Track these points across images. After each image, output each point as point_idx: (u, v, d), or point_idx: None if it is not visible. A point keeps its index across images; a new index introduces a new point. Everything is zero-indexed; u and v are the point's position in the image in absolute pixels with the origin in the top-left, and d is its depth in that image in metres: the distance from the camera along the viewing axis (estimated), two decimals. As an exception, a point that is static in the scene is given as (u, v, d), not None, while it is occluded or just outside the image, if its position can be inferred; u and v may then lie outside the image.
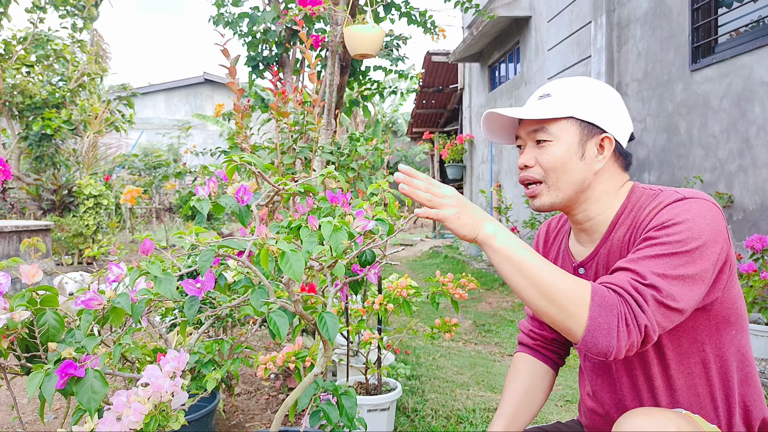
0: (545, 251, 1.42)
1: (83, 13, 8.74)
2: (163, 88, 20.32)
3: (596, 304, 0.98)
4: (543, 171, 1.19)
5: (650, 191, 1.17)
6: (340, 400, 1.54)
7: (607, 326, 0.96)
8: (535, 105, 1.20)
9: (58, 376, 1.09)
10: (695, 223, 1.03)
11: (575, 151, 1.17)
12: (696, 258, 1.01)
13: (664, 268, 1.00)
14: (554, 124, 1.17)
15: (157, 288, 1.12)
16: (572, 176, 1.17)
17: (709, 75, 4.00)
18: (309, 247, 1.01)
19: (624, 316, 0.96)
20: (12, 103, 8.15)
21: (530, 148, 1.22)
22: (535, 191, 1.21)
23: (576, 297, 0.99)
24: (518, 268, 1.03)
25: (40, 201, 8.48)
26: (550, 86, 1.22)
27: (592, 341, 0.96)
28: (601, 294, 0.99)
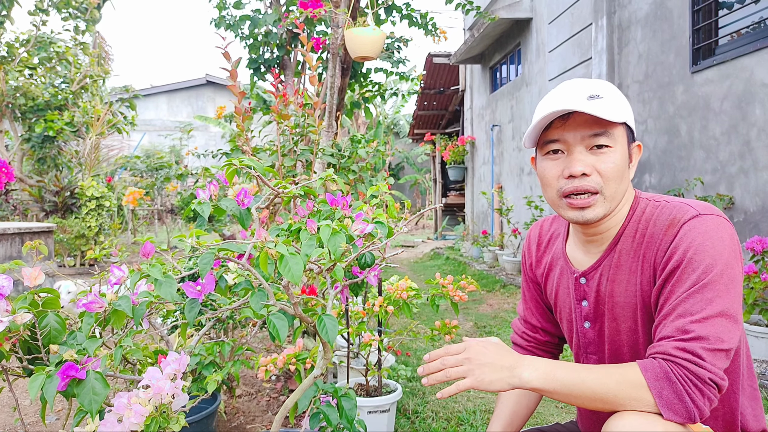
0: (539, 255, 1.39)
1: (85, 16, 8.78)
2: (165, 90, 20.37)
3: (653, 381, 0.97)
4: (603, 181, 1.10)
5: (654, 202, 1.15)
6: (339, 402, 1.55)
7: (677, 396, 0.96)
8: (592, 105, 1.07)
9: (59, 378, 1.10)
10: (713, 243, 1.02)
11: (627, 159, 1.13)
12: (725, 282, 1.00)
13: (698, 307, 0.99)
14: (615, 128, 1.10)
15: (158, 291, 1.13)
16: (623, 185, 1.13)
17: (709, 77, 4.01)
18: (308, 251, 1.02)
19: (686, 378, 0.96)
20: (15, 105, 8.18)
21: (582, 154, 1.10)
22: (590, 201, 1.11)
23: (633, 388, 0.98)
24: (570, 395, 1.02)
25: (42, 203, 8.50)
26: (596, 87, 1.12)
27: (672, 414, 0.96)
28: (652, 369, 0.99)
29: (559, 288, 1.31)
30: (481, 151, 9.87)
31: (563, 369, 1.04)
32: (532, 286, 1.43)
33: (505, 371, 1.04)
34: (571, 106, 1.07)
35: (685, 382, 0.96)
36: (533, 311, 1.44)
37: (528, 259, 1.43)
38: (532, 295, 1.43)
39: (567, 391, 1.02)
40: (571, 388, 1.02)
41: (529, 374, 1.04)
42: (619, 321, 1.17)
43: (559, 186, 1.14)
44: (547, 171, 1.16)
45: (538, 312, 1.43)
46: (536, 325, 1.43)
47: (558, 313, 1.34)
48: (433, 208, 1.85)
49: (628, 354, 1.17)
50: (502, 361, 1.06)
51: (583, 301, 1.23)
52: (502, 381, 1.04)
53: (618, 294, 1.16)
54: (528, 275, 1.43)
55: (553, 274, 1.33)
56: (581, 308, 1.24)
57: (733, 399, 1.13)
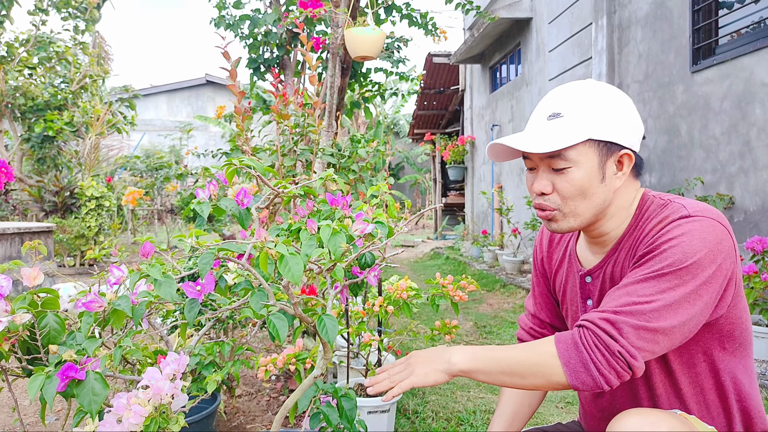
0: (549, 253, 1.40)
1: (85, 16, 8.77)
2: (165, 90, 20.36)
3: (562, 349, 1.01)
4: (560, 199, 1.12)
5: (660, 201, 1.13)
6: (340, 402, 1.55)
7: (581, 363, 0.98)
8: (546, 128, 1.10)
9: (59, 378, 1.10)
10: (692, 241, 1.01)
11: (595, 175, 1.09)
12: (687, 278, 0.99)
13: (648, 291, 0.99)
14: (571, 149, 1.07)
15: (158, 291, 1.12)
16: (593, 201, 1.11)
17: (709, 76, 4.01)
18: (308, 250, 1.02)
19: (594, 347, 0.98)
20: (14, 105, 8.18)
21: (546, 173, 1.12)
22: (550, 215, 1.14)
23: (546, 357, 1.02)
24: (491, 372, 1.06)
25: (42, 203, 8.50)
26: (559, 102, 1.11)
27: (577, 381, 0.98)
28: (563, 339, 1.02)
29: (566, 285, 1.32)
30: (481, 150, 9.87)
31: (486, 349, 1.09)
32: (542, 280, 1.43)
33: (436, 362, 1.10)
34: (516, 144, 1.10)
35: (591, 351, 0.98)
36: (542, 306, 1.44)
37: (539, 253, 1.43)
38: (542, 290, 1.44)
39: (488, 368, 1.06)
40: (492, 365, 1.06)
41: (457, 357, 1.09)
42: None
43: (533, 198, 1.19)
44: (527, 183, 1.20)
45: (548, 307, 1.43)
46: (545, 320, 1.44)
47: (565, 310, 1.35)
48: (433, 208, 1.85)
49: None
50: (434, 354, 1.13)
51: (588, 299, 1.24)
52: (435, 371, 1.09)
53: None
54: (539, 269, 1.44)
55: (561, 270, 1.34)
56: (586, 307, 1.24)
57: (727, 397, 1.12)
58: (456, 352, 1.09)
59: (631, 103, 1.15)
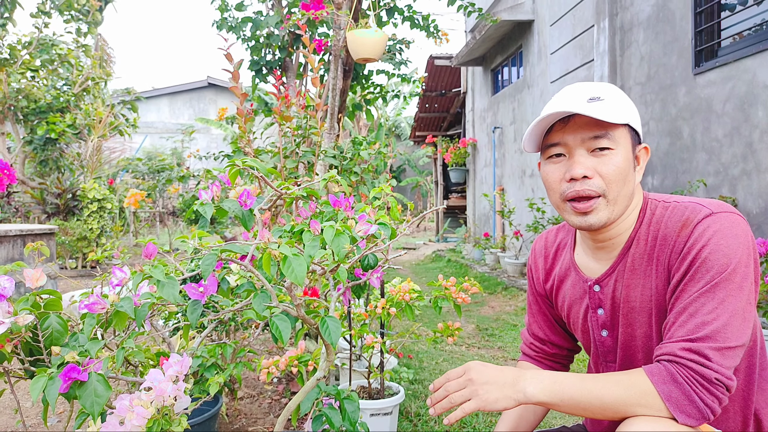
0: (547, 269, 1.37)
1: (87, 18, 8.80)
2: (167, 92, 20.40)
3: (660, 384, 0.97)
4: (605, 183, 1.08)
5: (664, 203, 1.13)
6: (342, 405, 1.54)
7: (686, 398, 0.95)
8: (590, 107, 1.07)
9: (61, 380, 1.09)
10: (728, 242, 1.00)
11: (631, 162, 1.10)
12: (738, 279, 0.99)
13: (710, 306, 0.98)
14: (617, 130, 1.08)
15: (160, 292, 1.12)
16: (629, 188, 1.11)
17: (712, 79, 4.00)
18: (311, 252, 1.01)
19: (692, 380, 0.96)
20: (17, 108, 8.19)
21: (584, 157, 1.09)
22: (592, 206, 1.09)
23: (641, 393, 0.98)
24: (577, 407, 1.02)
25: (44, 205, 8.51)
26: (595, 88, 1.11)
27: (684, 416, 0.95)
28: (658, 373, 0.98)
29: (572, 299, 1.29)
30: (483, 153, 9.86)
31: (568, 380, 1.03)
32: (540, 300, 1.41)
33: (508, 388, 1.03)
34: (569, 108, 1.07)
35: (692, 383, 0.95)
36: (540, 324, 1.42)
37: (535, 273, 1.41)
38: (539, 308, 1.42)
39: (574, 403, 1.01)
40: (578, 400, 1.01)
41: (533, 388, 1.03)
42: (635, 326, 1.15)
43: (562, 190, 1.13)
44: (550, 175, 1.15)
45: (546, 325, 1.42)
46: (543, 338, 1.42)
47: (571, 325, 1.32)
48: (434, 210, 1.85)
49: (642, 360, 1.15)
50: (503, 377, 1.05)
51: (599, 309, 1.21)
52: (507, 398, 1.03)
53: (633, 299, 1.14)
54: (535, 290, 1.41)
55: (564, 286, 1.31)
56: (597, 317, 1.22)
57: (746, 398, 1.11)
58: (531, 382, 1.03)
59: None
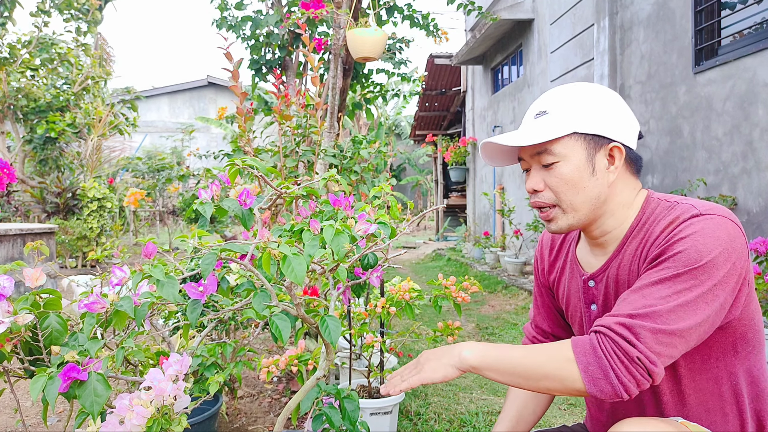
0: (551, 260, 1.38)
1: (87, 17, 8.78)
2: (167, 92, 20.38)
3: (580, 355, 0.98)
4: (554, 194, 1.13)
5: (666, 203, 1.12)
6: (342, 404, 1.54)
7: (601, 370, 0.96)
8: (532, 126, 1.14)
9: (61, 379, 1.09)
10: (705, 240, 0.99)
11: (585, 168, 1.11)
12: (703, 277, 0.97)
13: (664, 293, 0.98)
14: (557, 143, 1.11)
15: (160, 291, 1.12)
16: (586, 194, 1.12)
17: (712, 77, 4.00)
18: (311, 251, 1.01)
19: (613, 354, 0.95)
20: (16, 107, 8.19)
21: (537, 171, 1.15)
22: (549, 215, 1.15)
23: (562, 361, 1.00)
24: (504, 371, 1.06)
25: (44, 204, 8.51)
26: (546, 102, 1.15)
27: (596, 389, 0.96)
28: (581, 344, 1.00)
29: (570, 292, 1.30)
30: (483, 152, 9.85)
31: (500, 349, 1.08)
32: (544, 291, 1.42)
33: (446, 357, 1.11)
34: (500, 140, 1.14)
35: (610, 357, 0.95)
36: (545, 317, 1.43)
37: (540, 264, 1.42)
38: (543, 300, 1.43)
39: (501, 366, 1.05)
40: (505, 364, 1.05)
41: (468, 352, 1.08)
42: None
43: (531, 200, 1.20)
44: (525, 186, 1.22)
45: (550, 317, 1.42)
46: (547, 330, 1.43)
47: (569, 317, 1.33)
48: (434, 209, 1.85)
49: None
50: (445, 350, 1.13)
51: (592, 304, 1.22)
52: (445, 366, 1.10)
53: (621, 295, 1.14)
54: (540, 280, 1.42)
55: (564, 277, 1.32)
56: (590, 312, 1.23)
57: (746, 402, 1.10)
58: (467, 347, 1.09)
59: (620, 99, 1.16)
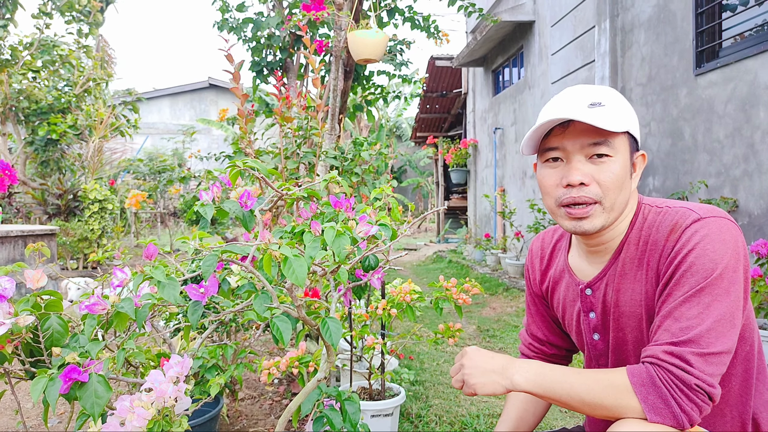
0: (543, 270, 1.37)
1: (89, 19, 8.80)
2: (168, 93, 20.40)
3: (639, 386, 0.97)
4: (602, 191, 1.08)
5: (656, 208, 1.12)
6: (343, 406, 1.54)
7: (662, 400, 0.95)
8: (591, 113, 1.06)
9: (61, 380, 1.09)
10: (714, 247, 1.00)
11: (628, 169, 1.10)
12: (724, 285, 0.98)
13: (694, 311, 0.98)
14: (616, 137, 1.07)
15: (161, 293, 1.12)
16: (624, 196, 1.10)
17: (713, 79, 4.00)
18: (312, 253, 1.01)
19: (672, 384, 0.95)
20: (18, 108, 8.20)
21: (581, 163, 1.08)
22: (587, 212, 1.09)
23: (621, 392, 0.98)
24: (559, 399, 1.04)
25: (45, 205, 8.51)
26: (596, 93, 1.10)
27: (658, 417, 0.95)
28: (638, 374, 0.98)
29: (565, 301, 1.29)
30: (484, 154, 9.86)
31: (553, 374, 1.05)
32: (537, 300, 1.41)
33: (497, 375, 1.07)
34: (570, 115, 1.05)
35: (670, 387, 0.95)
36: (539, 325, 1.43)
37: (532, 274, 1.41)
38: (537, 309, 1.42)
39: (556, 396, 1.03)
40: (560, 394, 1.03)
41: (520, 377, 1.06)
42: (626, 331, 1.15)
43: (558, 195, 1.12)
44: (546, 179, 1.14)
45: (544, 326, 1.42)
46: (542, 338, 1.42)
47: (566, 326, 1.33)
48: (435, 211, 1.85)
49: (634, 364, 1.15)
50: (492, 364, 1.09)
51: (590, 312, 1.22)
52: (494, 384, 1.07)
53: (623, 304, 1.14)
54: (532, 290, 1.42)
55: (559, 287, 1.31)
56: (589, 320, 1.22)
57: (744, 403, 1.11)
58: (519, 371, 1.06)
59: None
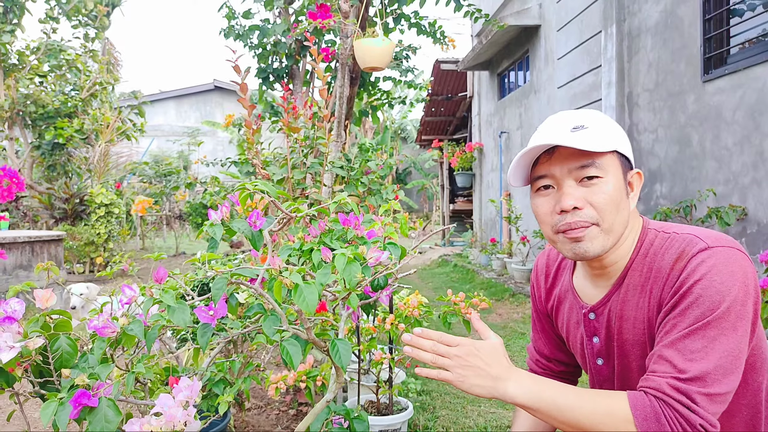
0: (548, 288, 1.35)
1: (95, 23, 8.84)
2: (174, 96, 20.47)
3: (641, 419, 0.95)
4: (597, 212, 1.06)
5: (663, 234, 1.10)
6: (351, 424, 1.53)
7: None
8: (574, 137, 1.05)
9: (71, 405, 1.09)
10: (722, 279, 0.97)
11: (623, 188, 1.08)
12: (731, 319, 0.96)
13: (699, 345, 0.95)
14: (603, 158, 1.06)
15: (171, 317, 1.12)
16: (623, 216, 1.08)
17: (721, 86, 3.97)
18: (323, 279, 1.00)
19: (676, 422, 0.93)
20: (25, 113, 8.24)
21: (572, 188, 1.07)
22: (584, 234, 1.06)
23: (618, 420, 0.96)
24: (554, 418, 1.00)
25: (52, 210, 8.54)
26: (580, 118, 1.10)
27: None
28: (641, 407, 0.96)
29: (569, 322, 1.27)
30: (489, 158, 9.84)
31: (550, 391, 1.00)
32: (542, 318, 1.39)
33: (490, 380, 1.01)
34: (552, 141, 1.05)
35: (674, 425, 0.93)
36: (545, 342, 1.41)
37: (537, 291, 1.39)
38: (542, 326, 1.40)
39: (551, 415, 0.99)
40: (555, 414, 0.99)
41: (515, 390, 1.00)
42: (630, 358, 1.13)
43: (553, 222, 1.10)
44: (540, 207, 1.12)
45: (550, 344, 1.40)
46: (549, 355, 1.41)
47: (570, 347, 1.31)
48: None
49: None
50: (489, 368, 1.02)
51: (594, 337, 1.20)
52: (484, 388, 1.01)
53: (627, 331, 1.12)
54: (537, 307, 1.40)
55: (563, 307, 1.29)
56: (593, 344, 1.20)
57: (754, 425, 1.09)
58: (514, 383, 1.02)
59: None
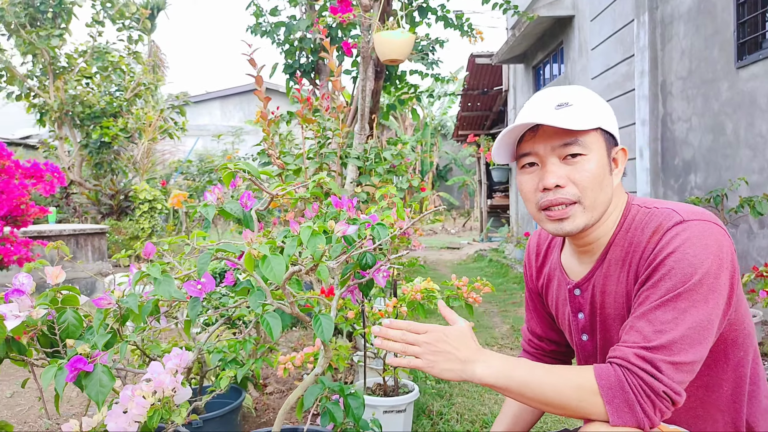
0: (538, 266, 1.38)
1: (139, 26, 9.17)
2: (218, 96, 20.95)
3: (605, 388, 0.96)
4: (579, 190, 1.06)
5: (645, 209, 1.10)
6: (346, 401, 1.58)
7: (627, 404, 0.94)
8: (558, 114, 1.06)
9: (68, 370, 1.18)
10: (695, 251, 0.97)
11: (606, 165, 1.08)
12: (702, 291, 0.96)
13: (669, 316, 0.96)
14: (587, 135, 1.06)
15: (157, 289, 1.19)
16: (606, 194, 1.09)
17: (755, 72, 3.84)
18: (290, 251, 1.06)
19: (640, 390, 0.94)
20: (73, 113, 8.63)
21: (555, 165, 1.07)
22: (567, 213, 1.08)
23: (585, 391, 0.97)
24: (523, 395, 1.02)
25: (99, 205, 8.93)
26: (565, 95, 1.10)
27: (620, 420, 0.95)
28: (606, 376, 0.97)
29: (558, 300, 1.29)
30: (526, 151, 9.71)
31: (518, 369, 1.02)
32: (534, 296, 1.41)
33: (458, 363, 1.04)
34: (535, 119, 1.05)
35: (637, 392, 0.94)
36: (537, 321, 1.43)
37: (529, 270, 1.41)
38: (534, 305, 1.42)
39: (522, 392, 1.01)
40: (526, 391, 1.01)
41: (482, 371, 1.03)
42: (612, 333, 1.14)
43: (536, 199, 1.11)
44: (524, 185, 1.14)
45: (542, 322, 1.42)
46: (541, 335, 1.42)
47: (560, 323, 1.33)
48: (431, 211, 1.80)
49: None
50: (458, 352, 1.05)
51: (579, 313, 1.21)
52: (453, 372, 1.04)
53: (609, 306, 1.13)
54: (529, 286, 1.42)
55: (552, 285, 1.32)
56: (578, 320, 1.22)
57: (736, 409, 1.09)
58: (482, 364, 1.03)
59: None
